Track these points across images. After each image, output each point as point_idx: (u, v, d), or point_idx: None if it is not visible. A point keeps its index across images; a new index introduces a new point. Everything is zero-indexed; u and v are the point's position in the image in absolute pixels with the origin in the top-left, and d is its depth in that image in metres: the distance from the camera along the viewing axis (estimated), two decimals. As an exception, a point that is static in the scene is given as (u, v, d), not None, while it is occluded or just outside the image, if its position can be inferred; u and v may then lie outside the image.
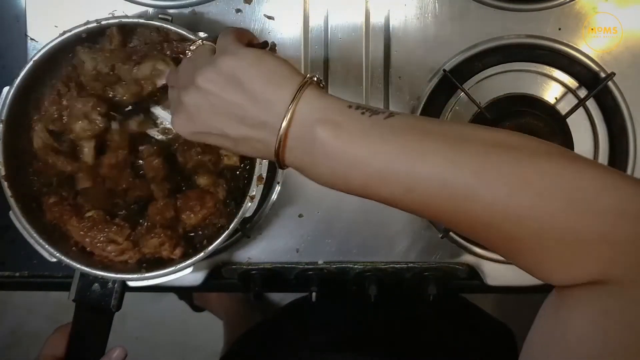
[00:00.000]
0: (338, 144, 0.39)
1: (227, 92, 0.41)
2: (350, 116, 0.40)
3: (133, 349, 0.57)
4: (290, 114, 0.40)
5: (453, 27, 0.64)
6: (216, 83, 0.42)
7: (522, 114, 0.62)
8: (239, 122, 0.42)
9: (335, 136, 0.39)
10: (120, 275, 0.56)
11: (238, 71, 0.41)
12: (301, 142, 0.40)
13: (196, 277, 0.66)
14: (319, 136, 0.39)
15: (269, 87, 0.41)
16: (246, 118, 0.41)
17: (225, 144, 0.44)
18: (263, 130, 0.41)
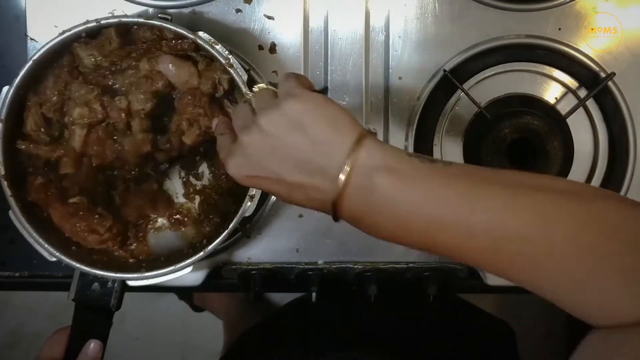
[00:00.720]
0: (398, 190, 0.39)
1: (290, 135, 0.41)
2: (409, 163, 0.40)
3: (133, 349, 0.57)
4: (351, 161, 0.40)
5: (453, 27, 0.64)
6: (279, 125, 0.41)
7: (522, 114, 0.62)
8: (298, 168, 0.41)
9: (396, 182, 0.39)
10: (120, 275, 0.56)
11: (302, 115, 0.41)
12: (360, 190, 0.40)
13: (196, 277, 0.66)
14: (379, 183, 0.39)
15: (331, 134, 0.41)
16: (305, 163, 0.41)
17: (280, 190, 0.43)
18: (321, 177, 0.41)
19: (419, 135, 0.65)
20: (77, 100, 0.56)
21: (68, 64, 0.57)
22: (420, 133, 0.65)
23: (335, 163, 0.40)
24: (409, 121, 0.65)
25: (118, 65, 0.57)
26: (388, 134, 0.66)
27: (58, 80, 0.57)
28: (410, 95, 0.65)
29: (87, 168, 0.58)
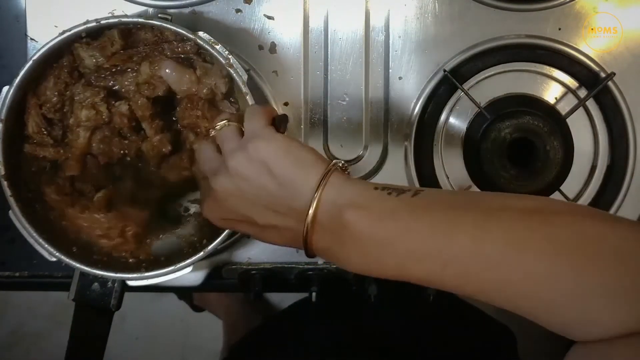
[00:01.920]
0: (367, 226, 0.39)
1: (257, 178, 0.42)
2: (377, 198, 0.40)
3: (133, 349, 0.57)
4: (317, 199, 0.40)
5: (453, 27, 0.64)
6: (247, 168, 0.42)
7: (522, 114, 0.62)
8: (267, 209, 0.42)
9: (363, 218, 0.39)
10: (120, 275, 0.56)
11: (268, 157, 0.42)
12: (329, 227, 0.40)
13: (196, 277, 0.66)
14: (348, 220, 0.39)
15: (297, 173, 0.41)
16: (274, 204, 0.42)
17: (253, 232, 0.44)
18: (290, 217, 0.42)
19: (419, 136, 0.65)
20: (83, 102, 0.56)
21: (68, 64, 0.57)
22: (420, 133, 0.65)
23: (302, 201, 0.41)
24: (409, 121, 0.65)
25: (119, 67, 0.57)
26: (388, 134, 0.66)
27: (58, 81, 0.56)
28: (410, 95, 0.65)
29: (96, 167, 0.58)
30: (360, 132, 0.66)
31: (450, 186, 0.66)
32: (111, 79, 0.57)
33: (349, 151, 0.66)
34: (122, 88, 0.57)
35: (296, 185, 0.41)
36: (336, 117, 0.65)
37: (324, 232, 0.41)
